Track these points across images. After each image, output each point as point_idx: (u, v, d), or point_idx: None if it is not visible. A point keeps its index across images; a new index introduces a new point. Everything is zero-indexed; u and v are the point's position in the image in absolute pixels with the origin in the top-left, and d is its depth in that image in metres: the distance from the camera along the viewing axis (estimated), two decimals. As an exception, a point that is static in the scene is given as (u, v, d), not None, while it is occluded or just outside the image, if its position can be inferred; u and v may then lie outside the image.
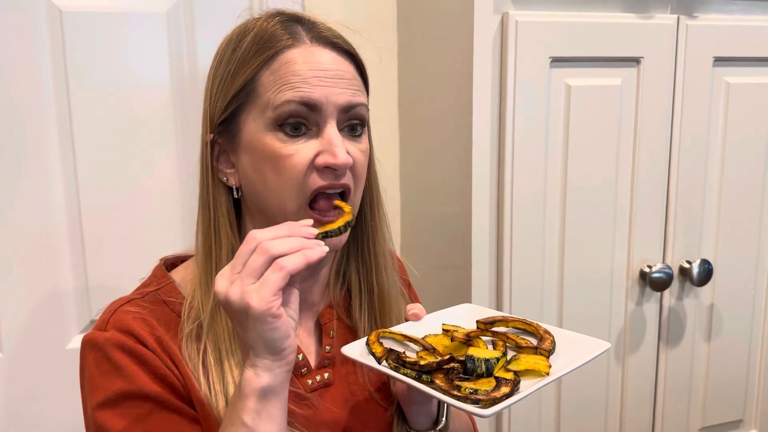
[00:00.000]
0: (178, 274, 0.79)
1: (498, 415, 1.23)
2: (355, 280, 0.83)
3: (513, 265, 1.18)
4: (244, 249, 0.63)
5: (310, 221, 0.68)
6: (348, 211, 0.72)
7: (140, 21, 1.21)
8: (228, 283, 0.62)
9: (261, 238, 0.62)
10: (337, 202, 0.73)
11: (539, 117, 1.15)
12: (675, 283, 1.30)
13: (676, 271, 1.29)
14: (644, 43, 1.19)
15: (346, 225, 0.70)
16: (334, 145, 0.70)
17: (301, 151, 0.71)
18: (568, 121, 1.17)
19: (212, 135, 0.75)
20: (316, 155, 0.71)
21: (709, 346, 1.37)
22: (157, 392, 0.69)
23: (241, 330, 0.63)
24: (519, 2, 1.13)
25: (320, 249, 0.64)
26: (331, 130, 0.71)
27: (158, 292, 0.76)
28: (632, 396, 1.32)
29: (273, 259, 0.61)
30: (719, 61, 1.25)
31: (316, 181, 0.71)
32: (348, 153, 0.72)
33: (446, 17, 1.21)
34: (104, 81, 1.20)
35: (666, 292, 1.30)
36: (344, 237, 0.74)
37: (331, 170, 0.71)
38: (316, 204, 0.73)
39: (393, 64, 1.44)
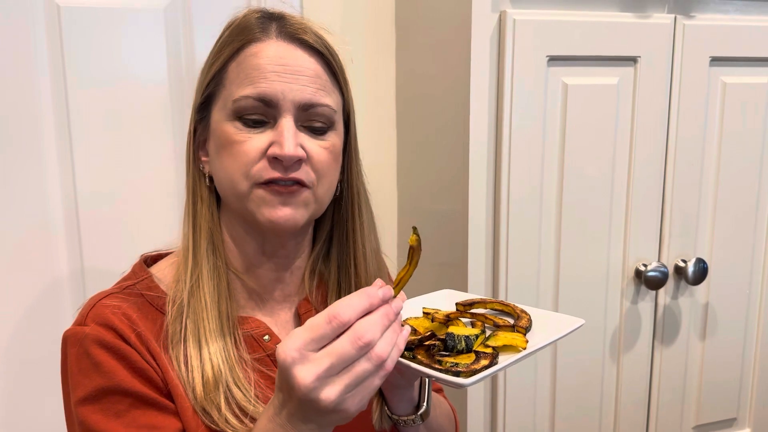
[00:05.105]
0: (157, 269, 0.80)
1: (492, 408, 1.24)
2: (334, 279, 0.84)
3: (509, 263, 1.18)
4: (348, 349, 0.58)
5: (379, 285, 0.63)
6: (411, 243, 0.69)
7: (138, 17, 1.21)
8: (319, 382, 0.57)
9: (368, 338, 0.58)
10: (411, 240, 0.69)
11: (536, 115, 1.16)
12: (670, 282, 1.30)
13: (671, 270, 1.30)
14: (641, 42, 1.20)
15: (410, 260, 0.68)
16: (283, 137, 0.71)
17: (255, 139, 0.72)
18: (564, 119, 1.18)
19: (194, 124, 0.78)
20: (269, 146, 0.72)
21: (703, 345, 1.38)
22: (136, 388, 0.69)
23: (301, 419, 0.60)
24: (517, 1, 1.13)
25: (405, 334, 0.63)
26: (285, 122, 0.72)
27: (136, 285, 0.77)
28: (627, 393, 1.33)
29: (382, 362, 0.59)
30: (716, 60, 1.26)
31: (266, 172, 0.72)
32: (303, 147, 0.72)
33: (444, 15, 1.22)
34: (102, 76, 1.20)
35: (661, 291, 1.31)
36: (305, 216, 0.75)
37: (280, 162, 0.71)
38: (268, 186, 0.73)
39: (391, 62, 1.45)
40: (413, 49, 1.37)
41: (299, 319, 0.83)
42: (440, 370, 0.64)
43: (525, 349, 0.69)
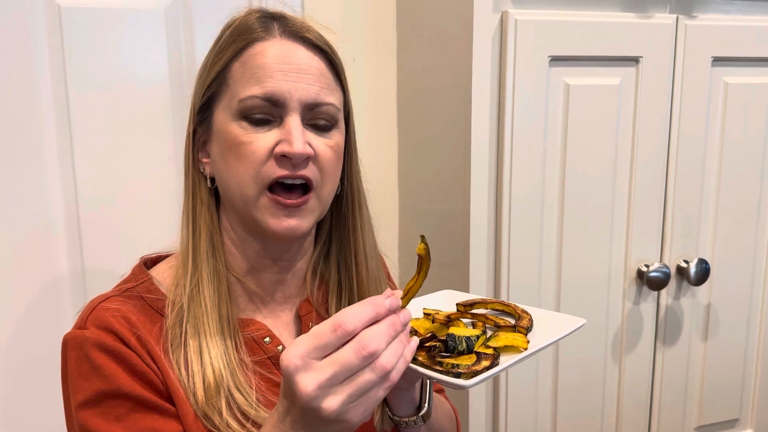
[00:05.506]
0: (157, 271, 0.80)
1: (494, 408, 1.24)
2: (334, 278, 0.84)
3: (511, 263, 1.18)
4: (352, 359, 0.57)
5: (387, 295, 0.62)
6: (419, 252, 0.68)
7: (138, 17, 1.21)
8: (321, 390, 0.57)
9: (373, 348, 0.57)
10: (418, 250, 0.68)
11: (538, 116, 1.16)
12: (672, 283, 1.30)
13: (673, 271, 1.30)
14: (643, 42, 1.19)
15: (419, 270, 0.67)
16: (292, 135, 0.71)
17: (262, 139, 0.72)
18: (566, 119, 1.18)
19: (193, 125, 0.78)
20: (276, 144, 0.72)
21: (705, 345, 1.37)
22: (136, 391, 0.69)
23: (303, 426, 0.60)
24: (518, 1, 1.13)
25: (413, 346, 0.62)
26: (293, 121, 0.72)
27: (136, 288, 0.77)
28: (628, 394, 1.33)
29: (387, 373, 0.58)
30: (718, 61, 1.25)
31: (274, 170, 0.71)
32: (310, 145, 0.72)
33: (446, 15, 1.22)
34: (102, 77, 1.20)
35: (663, 292, 1.30)
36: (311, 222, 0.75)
37: (288, 160, 0.71)
38: (274, 191, 0.73)
39: (392, 62, 1.45)
40: (414, 49, 1.37)
41: (300, 321, 0.83)
42: (441, 372, 0.64)
43: (526, 349, 0.69)
